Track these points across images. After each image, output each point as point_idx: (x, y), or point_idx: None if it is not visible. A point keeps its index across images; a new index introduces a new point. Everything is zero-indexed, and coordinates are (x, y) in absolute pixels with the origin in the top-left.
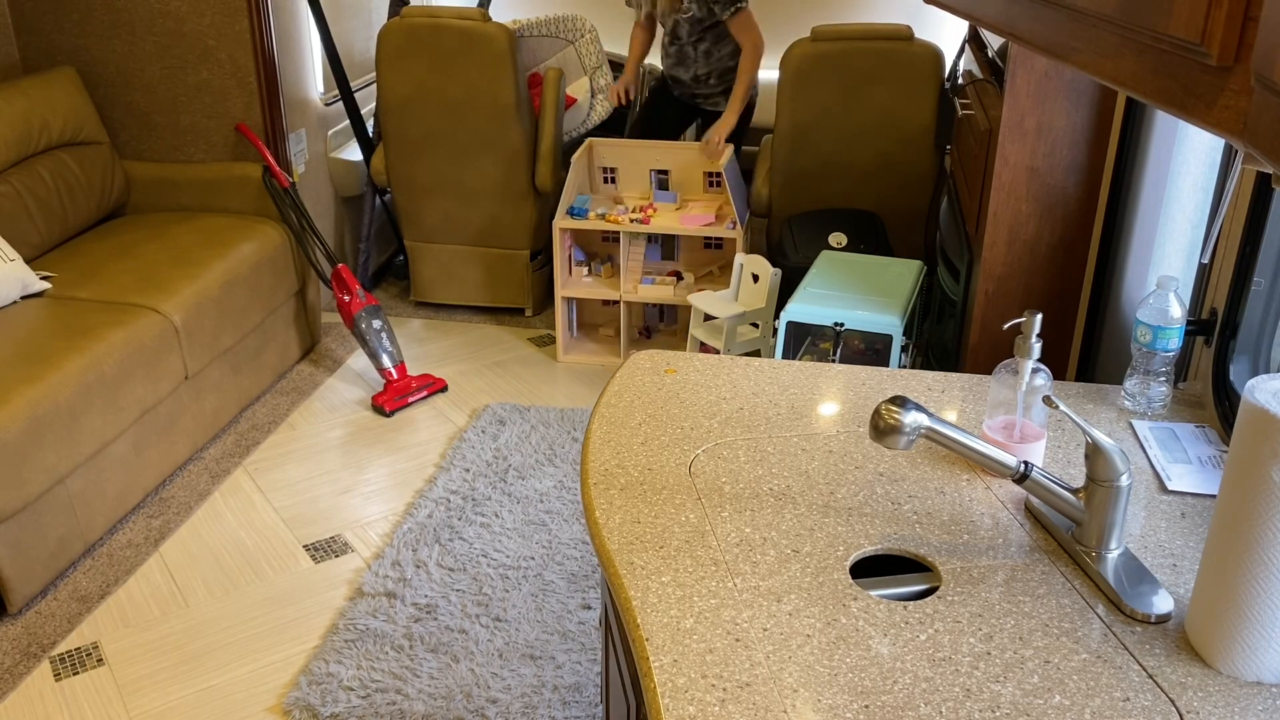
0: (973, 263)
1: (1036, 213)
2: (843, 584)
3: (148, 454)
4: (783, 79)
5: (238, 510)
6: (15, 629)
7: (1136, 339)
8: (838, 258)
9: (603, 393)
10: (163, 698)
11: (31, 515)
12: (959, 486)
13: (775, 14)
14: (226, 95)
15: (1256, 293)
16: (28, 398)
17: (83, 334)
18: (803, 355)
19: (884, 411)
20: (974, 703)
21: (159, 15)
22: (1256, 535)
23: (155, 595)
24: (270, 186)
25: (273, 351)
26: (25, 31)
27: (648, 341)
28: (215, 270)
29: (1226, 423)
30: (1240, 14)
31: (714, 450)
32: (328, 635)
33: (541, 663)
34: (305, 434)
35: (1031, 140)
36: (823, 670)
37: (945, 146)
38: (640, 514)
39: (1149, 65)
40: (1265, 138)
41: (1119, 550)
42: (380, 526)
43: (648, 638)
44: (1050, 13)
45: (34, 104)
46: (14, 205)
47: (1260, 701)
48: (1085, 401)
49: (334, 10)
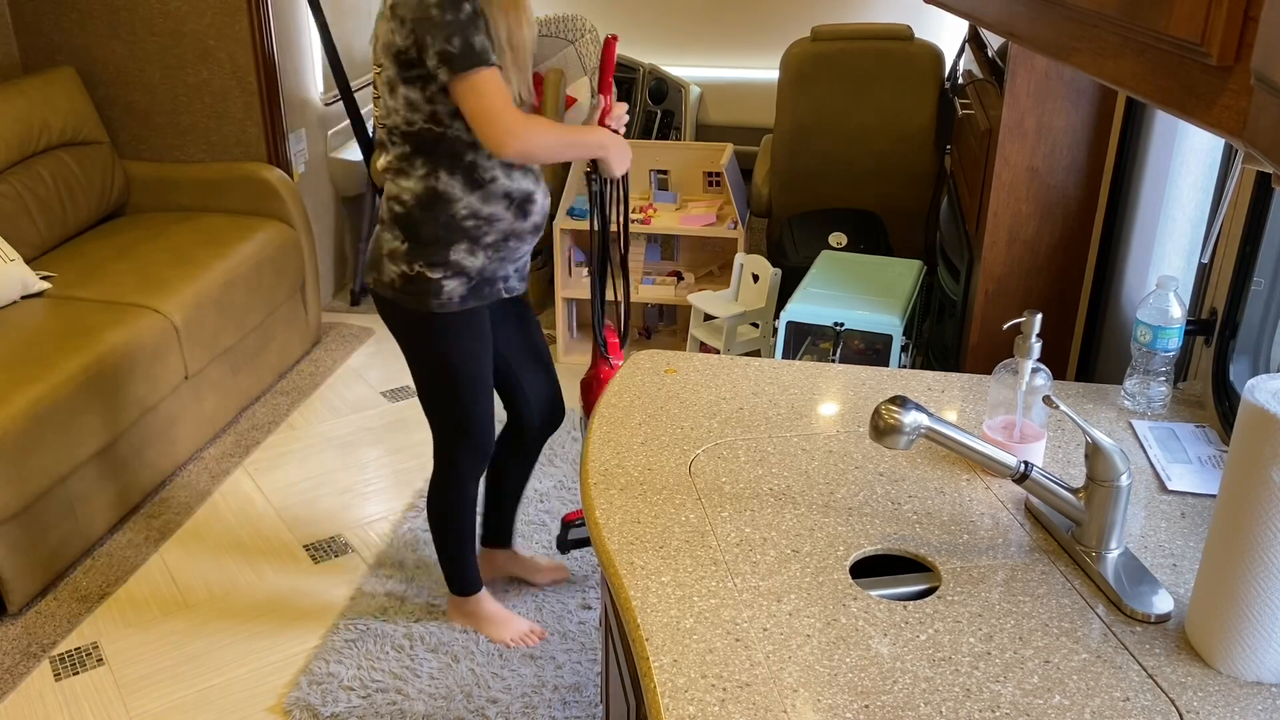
0: (973, 263)
1: (1036, 213)
2: (843, 584)
3: (148, 454)
4: (783, 79)
5: (238, 510)
6: (15, 629)
7: (1136, 339)
8: (838, 258)
9: (603, 392)
10: (163, 698)
11: (31, 515)
12: (959, 486)
13: (775, 14)
14: (226, 95)
15: (1256, 293)
16: (28, 398)
17: (83, 334)
18: (803, 355)
19: (884, 411)
20: (974, 702)
21: (159, 15)
22: (1256, 535)
23: (155, 595)
24: None
25: (273, 351)
26: (25, 31)
27: (648, 341)
28: (215, 270)
29: (1226, 423)
30: (1240, 14)
31: (714, 450)
32: (328, 635)
33: (541, 663)
34: (305, 434)
35: (1031, 140)
36: (823, 670)
37: (945, 146)
38: (640, 514)
39: (1149, 65)
40: (1265, 138)
41: (1119, 550)
42: (380, 526)
43: (648, 638)
44: (1050, 13)
45: (34, 104)
46: (14, 205)
47: (1260, 701)
48: (1085, 401)
49: (334, 10)
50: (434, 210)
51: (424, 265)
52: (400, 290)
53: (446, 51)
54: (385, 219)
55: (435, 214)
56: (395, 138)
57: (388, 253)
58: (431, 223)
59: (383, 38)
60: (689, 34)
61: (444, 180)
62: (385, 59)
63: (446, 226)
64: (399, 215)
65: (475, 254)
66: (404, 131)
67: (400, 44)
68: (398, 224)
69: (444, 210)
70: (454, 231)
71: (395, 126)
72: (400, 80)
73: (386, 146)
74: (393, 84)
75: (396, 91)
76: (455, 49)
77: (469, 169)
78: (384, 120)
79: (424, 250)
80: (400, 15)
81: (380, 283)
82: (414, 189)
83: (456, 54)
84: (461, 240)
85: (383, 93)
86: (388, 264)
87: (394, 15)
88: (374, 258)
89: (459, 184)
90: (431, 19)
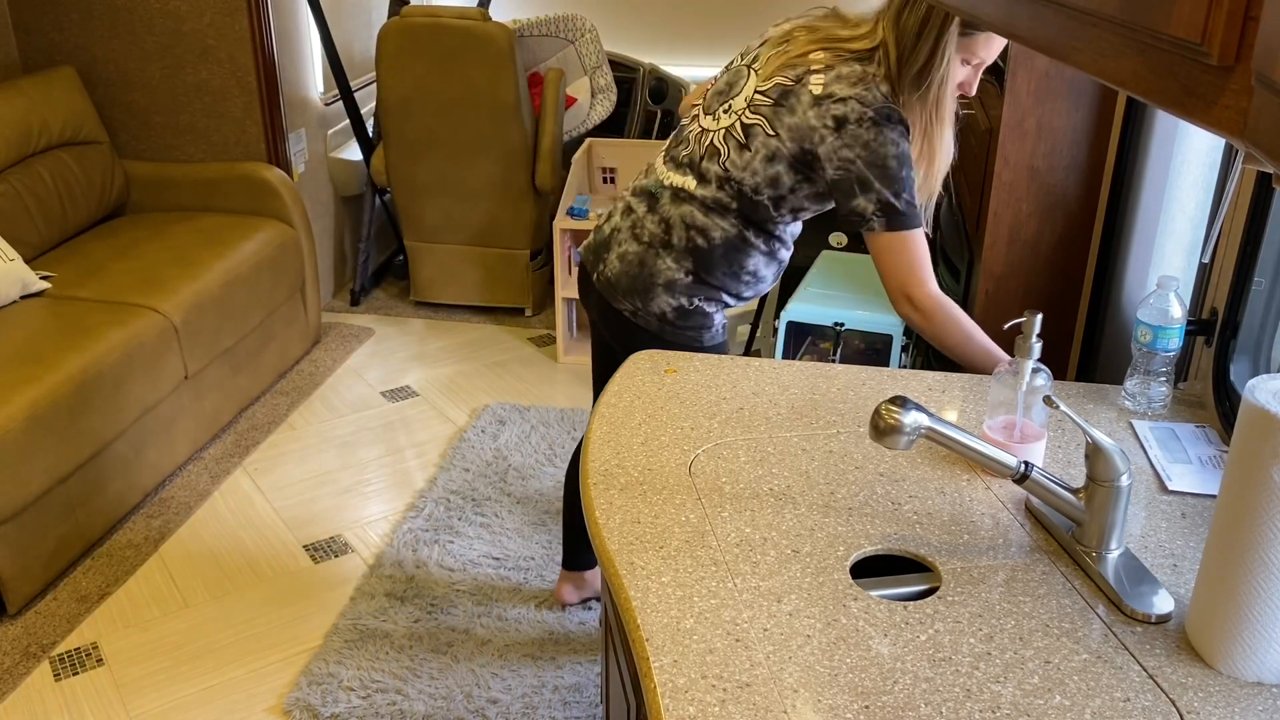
0: (973, 263)
1: (1036, 213)
2: (843, 584)
3: (148, 454)
4: None
5: (238, 510)
6: (15, 629)
7: (1137, 339)
8: (838, 258)
9: (603, 393)
10: (163, 698)
11: (31, 515)
12: (959, 486)
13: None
14: (226, 95)
15: (1257, 293)
16: (28, 398)
17: (83, 334)
18: (803, 355)
19: (884, 411)
20: (974, 703)
21: (159, 15)
22: (1256, 535)
23: (155, 595)
24: None
25: (273, 351)
26: (25, 31)
27: None
28: (215, 270)
29: (1227, 423)
30: (1240, 14)
31: (714, 450)
32: (328, 635)
33: (541, 663)
34: (305, 434)
35: (1031, 140)
36: (823, 670)
37: None
38: (640, 514)
39: (1149, 65)
40: (1266, 138)
41: (1119, 550)
42: (380, 526)
43: (648, 638)
44: (1050, 13)
45: (34, 104)
46: (14, 205)
47: (1260, 701)
48: (1085, 401)
49: (334, 10)
50: (732, 256)
51: (703, 300)
52: (670, 322)
53: (890, 205)
54: (675, 246)
55: (731, 260)
56: (729, 186)
57: (664, 282)
58: (726, 266)
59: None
60: (689, 34)
61: (751, 235)
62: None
63: (734, 274)
64: (698, 249)
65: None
66: (742, 191)
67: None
68: (692, 256)
69: (739, 259)
70: (738, 280)
71: (740, 181)
72: (784, 161)
73: (705, 179)
74: (775, 156)
75: (773, 164)
76: (902, 208)
77: (770, 237)
78: (732, 170)
79: (708, 289)
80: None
81: (643, 313)
82: (726, 230)
83: (902, 213)
84: (739, 287)
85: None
86: (662, 294)
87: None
88: (642, 284)
89: (761, 243)
90: (887, 170)
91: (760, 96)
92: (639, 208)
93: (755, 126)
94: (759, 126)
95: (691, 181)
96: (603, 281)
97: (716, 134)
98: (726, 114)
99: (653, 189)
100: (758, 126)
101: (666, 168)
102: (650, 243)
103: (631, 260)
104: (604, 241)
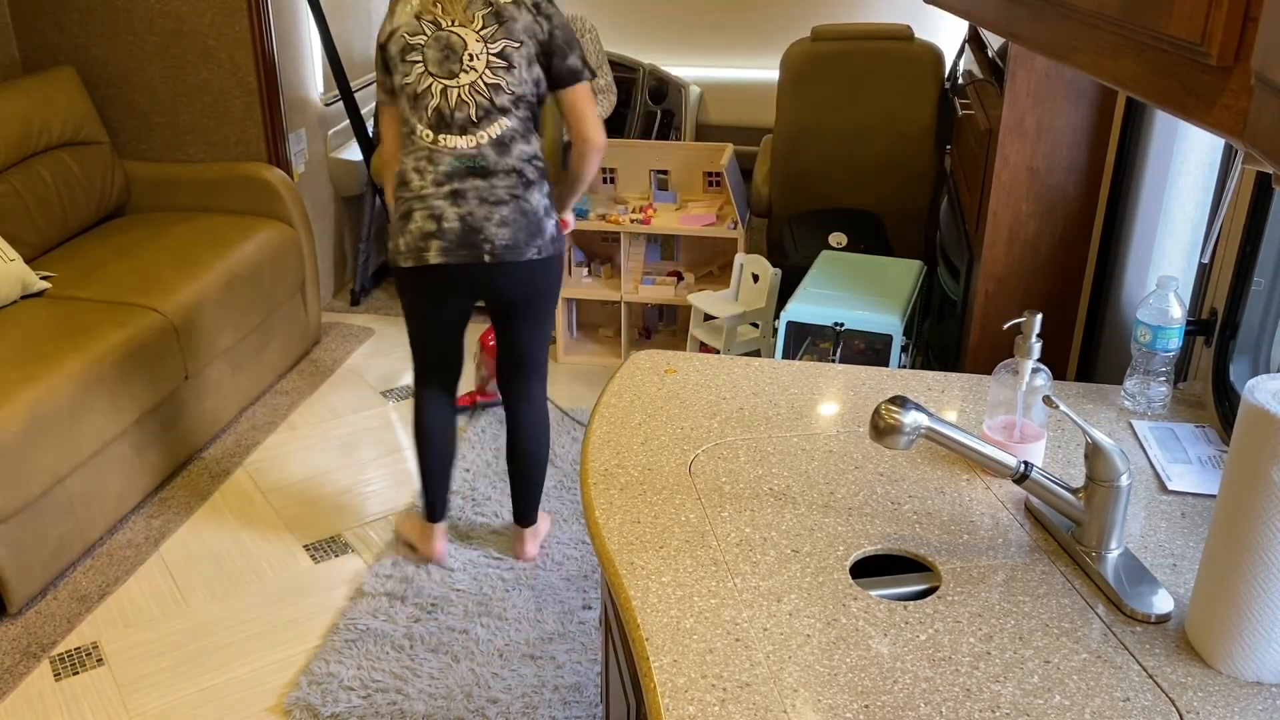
0: (973, 263)
1: (1036, 213)
2: (843, 584)
3: (148, 454)
4: (783, 79)
5: (238, 510)
6: (15, 629)
7: (1136, 339)
8: (838, 258)
9: (603, 393)
10: (163, 698)
11: (31, 515)
12: (959, 486)
13: (775, 14)
14: (226, 95)
15: (1256, 293)
16: (28, 398)
17: (83, 334)
18: (803, 355)
19: (884, 411)
20: (974, 702)
21: (159, 15)
22: (1256, 535)
23: (155, 595)
24: None
25: (273, 351)
26: (25, 31)
27: (648, 342)
28: (215, 270)
29: (1226, 423)
30: (1240, 14)
31: (714, 450)
32: (328, 635)
33: (541, 663)
34: (305, 434)
35: (1031, 140)
36: (823, 670)
37: (945, 146)
38: (640, 514)
39: (1149, 65)
40: (1265, 138)
41: (1119, 550)
42: (380, 527)
43: (648, 638)
44: (1050, 13)
45: (34, 104)
46: (14, 205)
47: (1260, 701)
48: (1085, 401)
49: (334, 10)
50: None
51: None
52: (557, 240)
53: (585, 60)
54: (531, 178)
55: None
56: (521, 106)
57: (544, 209)
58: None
59: (520, 20)
60: (689, 34)
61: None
62: (526, 39)
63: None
64: (540, 168)
65: None
66: (529, 101)
67: (542, 36)
68: (545, 177)
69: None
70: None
71: (523, 96)
72: (537, 60)
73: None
74: (531, 60)
75: (533, 67)
76: (588, 63)
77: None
78: (515, 89)
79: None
80: (546, 14)
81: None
82: (535, 139)
83: (588, 67)
84: None
85: (518, 65)
86: (546, 222)
87: (538, 11)
88: (533, 225)
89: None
90: (574, 34)
91: (485, 29)
92: (468, 183)
93: (505, 48)
94: (507, 46)
95: (498, 126)
96: (498, 252)
97: (477, 83)
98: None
99: (465, 164)
100: (507, 47)
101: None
102: (515, 194)
103: (511, 217)
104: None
